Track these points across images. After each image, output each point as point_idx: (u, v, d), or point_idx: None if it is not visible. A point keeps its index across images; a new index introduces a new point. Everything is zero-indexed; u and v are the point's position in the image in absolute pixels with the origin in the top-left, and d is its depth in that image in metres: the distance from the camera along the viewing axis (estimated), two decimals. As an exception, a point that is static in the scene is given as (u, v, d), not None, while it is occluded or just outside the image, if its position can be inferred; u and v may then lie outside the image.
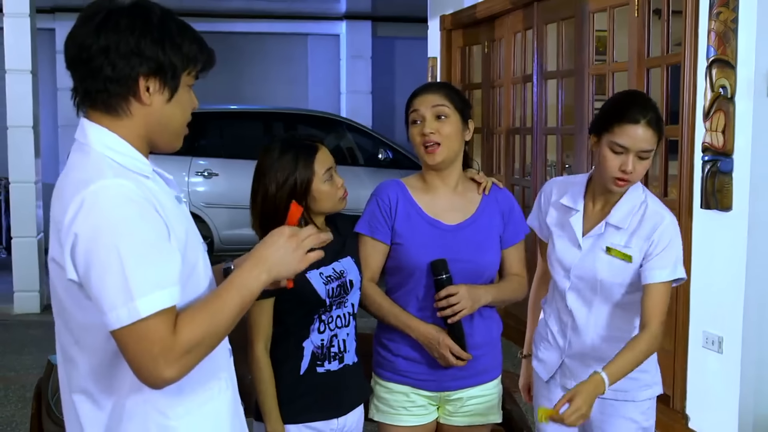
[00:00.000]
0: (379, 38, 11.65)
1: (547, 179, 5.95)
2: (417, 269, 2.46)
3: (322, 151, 2.41)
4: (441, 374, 2.49)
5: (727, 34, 3.81)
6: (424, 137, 2.45)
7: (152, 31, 1.60)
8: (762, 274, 3.84)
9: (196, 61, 1.68)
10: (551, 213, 2.64)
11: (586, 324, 2.54)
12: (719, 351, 3.95)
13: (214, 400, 1.72)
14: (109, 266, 1.49)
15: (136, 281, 1.49)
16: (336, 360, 2.42)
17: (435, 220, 2.50)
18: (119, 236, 1.50)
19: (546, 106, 5.93)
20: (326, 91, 11.75)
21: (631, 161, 2.38)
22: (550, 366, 2.64)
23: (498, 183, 2.63)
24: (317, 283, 2.37)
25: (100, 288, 1.50)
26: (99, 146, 1.62)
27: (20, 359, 5.80)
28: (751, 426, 3.89)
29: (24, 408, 4.71)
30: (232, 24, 11.09)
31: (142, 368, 1.51)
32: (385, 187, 2.55)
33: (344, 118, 9.63)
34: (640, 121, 2.37)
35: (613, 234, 2.49)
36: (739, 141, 3.81)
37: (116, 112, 1.63)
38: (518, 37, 6.25)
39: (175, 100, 1.66)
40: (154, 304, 1.50)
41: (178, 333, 1.52)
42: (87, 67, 1.60)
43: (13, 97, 7.01)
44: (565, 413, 2.18)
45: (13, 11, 6.95)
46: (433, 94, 2.49)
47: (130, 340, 1.50)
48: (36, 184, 7.19)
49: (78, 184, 1.55)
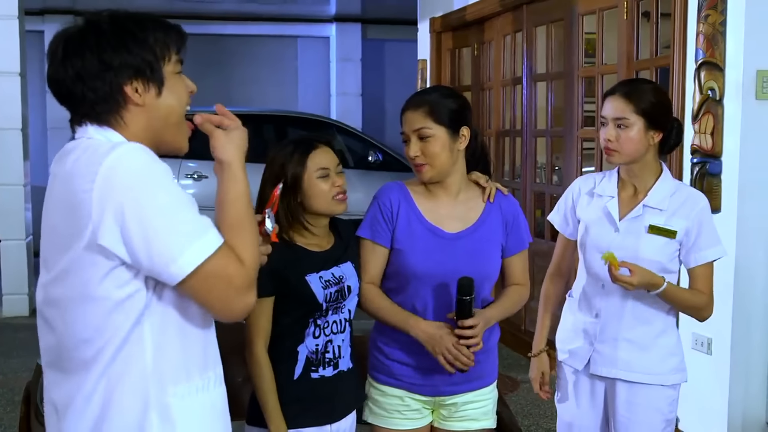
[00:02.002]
0: (369, 40, 11.65)
1: (536, 181, 5.98)
2: (414, 277, 2.44)
3: (322, 149, 2.40)
4: (436, 379, 2.47)
5: (715, 37, 3.83)
6: (411, 159, 2.44)
7: (109, 40, 1.62)
8: (751, 276, 3.86)
9: (168, 46, 1.68)
10: (582, 204, 2.74)
11: (621, 307, 2.62)
12: (708, 352, 3.96)
13: (209, 391, 1.74)
14: (166, 218, 1.55)
15: (194, 223, 1.58)
16: (330, 366, 2.40)
17: (435, 227, 2.46)
18: (151, 195, 1.55)
19: (535, 109, 5.94)
20: (316, 93, 11.74)
21: (609, 130, 2.58)
22: (582, 356, 2.71)
23: (503, 189, 2.58)
24: (316, 286, 2.34)
25: (163, 242, 1.54)
26: (99, 137, 1.65)
27: (8, 362, 5.77)
28: (740, 427, 3.91)
29: (12, 411, 4.68)
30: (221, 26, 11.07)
31: (232, 303, 1.60)
32: (387, 191, 2.52)
33: (334, 121, 9.62)
34: (614, 93, 2.61)
35: (653, 215, 2.59)
36: (728, 143, 3.82)
37: (111, 125, 1.66)
38: (508, 39, 6.27)
39: (165, 91, 1.67)
40: (216, 239, 1.58)
41: (243, 261, 1.61)
42: (72, 99, 1.65)
43: (1, 99, 6.97)
44: (618, 273, 2.43)
45: (2, 13, 6.92)
46: (414, 113, 2.43)
47: (207, 283, 1.57)
48: (25, 186, 7.16)
49: (91, 164, 1.56)
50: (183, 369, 1.67)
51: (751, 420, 3.92)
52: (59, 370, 1.68)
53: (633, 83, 2.72)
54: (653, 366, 2.61)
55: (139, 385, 1.63)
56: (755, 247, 3.85)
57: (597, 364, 2.67)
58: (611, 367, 2.64)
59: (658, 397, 2.62)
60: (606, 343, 2.65)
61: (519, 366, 5.41)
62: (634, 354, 2.61)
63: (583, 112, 5.36)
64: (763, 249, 3.88)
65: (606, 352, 2.65)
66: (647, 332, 2.61)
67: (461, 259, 2.43)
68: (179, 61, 1.70)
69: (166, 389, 1.65)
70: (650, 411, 2.62)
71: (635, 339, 2.61)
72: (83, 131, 1.67)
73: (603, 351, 2.65)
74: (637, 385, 2.62)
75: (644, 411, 2.62)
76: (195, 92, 1.74)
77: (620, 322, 2.62)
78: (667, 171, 2.67)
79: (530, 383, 2.98)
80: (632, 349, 2.61)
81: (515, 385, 5.06)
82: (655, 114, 2.56)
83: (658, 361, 2.62)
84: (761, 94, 3.76)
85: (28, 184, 7.29)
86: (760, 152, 3.81)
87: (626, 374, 2.62)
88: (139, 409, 1.63)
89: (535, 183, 6.00)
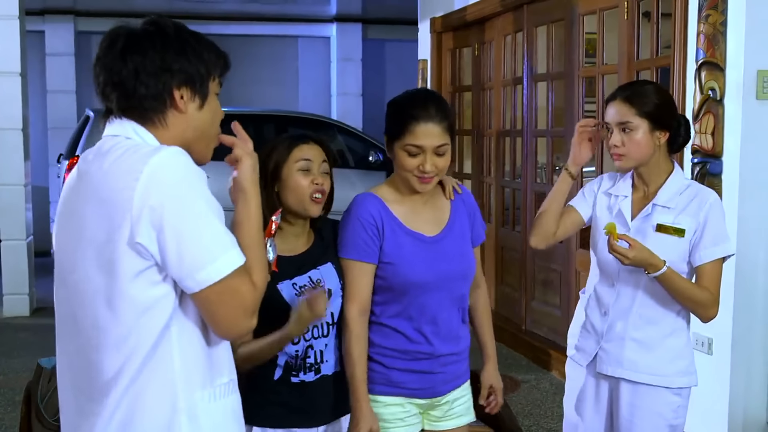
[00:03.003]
0: (370, 41, 11.65)
1: (537, 181, 5.98)
2: (410, 286, 2.41)
3: (310, 145, 2.34)
4: (433, 380, 2.48)
5: (716, 37, 3.83)
6: (422, 172, 2.34)
7: (173, 44, 1.69)
8: (751, 276, 3.86)
9: (216, 66, 1.75)
10: (601, 203, 2.74)
11: (629, 305, 2.61)
12: (709, 352, 3.96)
13: (229, 396, 1.77)
14: (199, 226, 1.60)
15: (222, 237, 1.62)
16: (312, 371, 2.33)
17: (416, 233, 2.44)
18: (192, 200, 1.60)
19: (536, 109, 5.95)
20: (317, 93, 11.74)
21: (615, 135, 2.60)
22: (588, 353, 2.71)
23: (457, 184, 2.56)
24: (288, 293, 2.28)
25: (188, 249, 1.58)
26: (135, 137, 1.68)
27: (9, 363, 5.77)
28: (740, 427, 3.91)
29: (13, 411, 4.68)
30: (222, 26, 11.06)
31: (237, 322, 1.64)
32: (365, 205, 2.40)
33: (335, 121, 9.63)
34: (615, 98, 2.61)
35: (662, 213, 2.58)
36: (729, 143, 3.82)
37: (153, 123, 1.70)
38: (508, 39, 6.27)
39: (206, 106, 1.75)
40: (238, 259, 1.63)
41: (254, 283, 1.66)
42: (120, 90, 1.69)
43: (2, 99, 6.97)
44: (617, 245, 2.43)
45: (2, 13, 6.93)
46: (436, 127, 2.32)
47: (222, 297, 1.61)
48: (25, 186, 7.16)
49: (135, 162, 1.60)
50: (208, 373, 1.71)
51: (752, 420, 3.92)
52: (80, 392, 1.68)
53: (633, 86, 2.70)
54: (659, 367, 2.58)
55: (168, 390, 1.65)
56: (756, 247, 3.85)
57: (603, 362, 2.66)
58: (617, 366, 2.62)
59: (661, 401, 2.59)
60: (613, 342, 2.63)
61: (519, 366, 5.42)
62: (641, 354, 2.59)
63: (584, 112, 5.35)
64: (764, 249, 3.88)
65: (612, 350, 2.63)
66: (655, 332, 2.59)
67: (447, 260, 2.44)
68: (220, 84, 1.78)
69: (194, 393, 1.68)
70: (652, 415, 2.59)
71: (642, 339, 2.59)
72: (120, 127, 1.70)
73: (609, 349, 2.64)
74: (641, 387, 2.59)
75: (646, 414, 2.59)
76: (223, 118, 1.81)
77: (628, 321, 2.61)
78: (678, 169, 2.64)
79: (530, 383, 2.99)
80: (639, 349, 2.59)
81: (516, 385, 5.06)
82: (658, 114, 2.55)
83: (664, 362, 2.59)
84: (762, 94, 3.76)
85: (29, 184, 7.30)
86: (760, 152, 3.81)
87: (631, 374, 2.60)
88: (168, 414, 1.65)
89: (536, 183, 6.00)
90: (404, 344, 2.44)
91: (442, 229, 2.48)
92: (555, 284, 5.69)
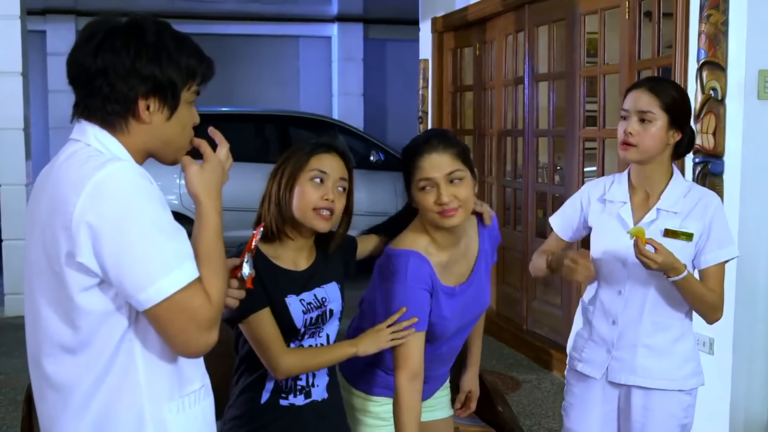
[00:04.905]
0: (371, 40, 11.66)
1: (538, 181, 5.98)
2: (436, 339, 2.40)
3: (331, 155, 2.23)
4: (431, 383, 2.51)
5: (717, 37, 3.83)
6: (442, 206, 2.24)
7: (148, 49, 1.61)
8: (752, 277, 3.86)
9: (195, 74, 1.68)
10: (595, 212, 2.69)
11: (639, 313, 2.58)
12: (710, 352, 3.96)
13: (200, 402, 1.74)
14: (143, 243, 1.53)
15: (170, 254, 1.54)
16: (302, 394, 2.23)
17: (449, 288, 2.37)
18: (146, 214, 1.54)
19: (537, 108, 5.94)
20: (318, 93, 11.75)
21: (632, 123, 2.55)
22: (599, 364, 2.66)
23: (489, 215, 2.49)
24: (295, 309, 2.19)
25: (136, 266, 1.52)
26: (95, 143, 1.63)
27: (11, 362, 5.78)
28: (742, 427, 3.91)
29: (15, 411, 4.69)
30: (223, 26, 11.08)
31: (191, 338, 1.56)
32: (421, 271, 2.29)
33: (336, 120, 9.63)
34: (641, 86, 2.57)
35: (668, 218, 2.55)
36: (730, 143, 3.82)
37: (114, 128, 1.64)
38: (509, 39, 6.27)
39: (175, 118, 1.66)
40: (189, 274, 1.55)
41: (210, 297, 1.58)
42: (87, 87, 1.63)
43: (3, 98, 6.98)
44: (645, 249, 2.36)
45: (4, 13, 6.93)
46: (441, 156, 2.25)
47: (175, 312, 1.54)
48: (27, 186, 7.16)
49: (81, 176, 1.55)
50: (177, 383, 1.67)
51: (753, 420, 3.92)
52: (66, 352, 1.64)
53: (659, 80, 2.67)
54: (672, 372, 2.58)
55: (135, 402, 1.62)
56: (757, 247, 3.85)
57: (615, 371, 2.63)
58: (630, 374, 2.60)
59: (674, 403, 2.59)
60: (624, 350, 2.60)
61: (520, 366, 5.40)
62: (653, 360, 2.57)
63: (585, 112, 5.35)
64: (765, 249, 3.88)
65: (625, 359, 2.60)
66: (666, 338, 2.57)
67: (471, 308, 2.46)
68: (197, 92, 1.71)
69: (162, 405, 1.65)
70: (665, 416, 2.59)
71: (654, 345, 2.57)
72: (82, 130, 1.65)
73: (621, 358, 2.61)
74: (654, 392, 2.58)
75: (660, 416, 2.58)
76: (197, 124, 1.73)
77: (638, 328, 2.58)
78: (678, 173, 2.62)
79: (531, 383, 2.98)
80: (651, 356, 2.57)
81: (517, 385, 5.05)
82: (678, 112, 2.53)
83: (676, 366, 2.58)
84: (763, 93, 3.76)
85: (30, 184, 7.29)
86: (762, 152, 3.81)
87: (644, 381, 2.58)
88: (135, 427, 1.62)
89: (537, 183, 6.00)
90: None
91: (469, 274, 2.44)
92: (556, 284, 5.68)
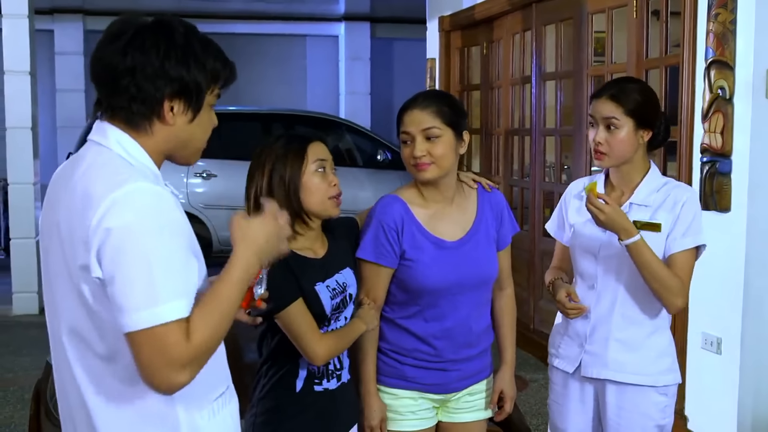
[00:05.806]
0: (378, 39, 11.66)
1: (545, 180, 5.97)
2: (425, 291, 2.42)
3: (316, 144, 2.29)
4: (446, 377, 2.49)
5: (725, 36, 3.82)
6: (415, 159, 2.37)
7: (177, 50, 1.61)
8: (760, 275, 3.84)
9: (219, 77, 1.68)
10: (573, 208, 2.72)
11: (611, 307, 2.60)
12: (718, 352, 3.95)
13: (227, 406, 1.75)
14: (137, 268, 1.50)
15: (161, 287, 1.50)
16: (334, 378, 2.32)
17: (438, 238, 2.44)
18: (151, 241, 1.51)
19: (545, 107, 5.93)
20: (325, 92, 11.76)
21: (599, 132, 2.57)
22: (573, 359, 2.68)
23: (492, 183, 2.58)
24: (325, 296, 2.26)
25: (124, 288, 1.50)
26: (117, 148, 1.62)
27: (19, 360, 5.79)
28: (749, 427, 3.89)
29: (23, 409, 4.70)
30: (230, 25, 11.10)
31: (156, 373, 1.50)
32: (388, 210, 2.41)
33: (343, 120, 9.63)
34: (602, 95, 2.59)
35: (638, 211, 2.57)
36: (738, 142, 3.81)
37: (137, 128, 1.64)
38: (517, 38, 6.26)
39: (197, 120, 1.67)
40: (175, 312, 1.51)
41: (190, 338, 1.52)
42: (113, 86, 1.61)
43: (11, 98, 7.01)
44: (596, 201, 2.43)
45: (12, 12, 6.96)
46: (421, 112, 2.37)
47: (147, 344, 1.50)
48: (35, 185, 7.18)
49: (108, 184, 1.54)
50: (205, 392, 1.67)
51: (761, 419, 3.91)
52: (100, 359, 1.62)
53: (619, 84, 2.65)
54: (645, 366, 2.58)
55: (170, 416, 1.62)
56: (765, 245, 3.83)
57: (588, 366, 2.64)
58: (602, 368, 2.61)
59: (648, 402, 2.59)
60: (596, 344, 2.62)
61: (528, 365, 5.41)
62: (625, 354, 2.59)
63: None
64: (773, 248, 3.86)
65: (597, 353, 2.62)
66: (638, 333, 2.58)
67: (467, 265, 2.45)
68: (218, 95, 1.71)
69: (194, 414, 1.65)
70: (639, 416, 2.58)
71: (626, 339, 2.58)
72: (103, 132, 1.64)
73: (594, 352, 2.62)
74: (627, 388, 2.58)
75: (633, 416, 2.58)
76: (216, 126, 1.74)
77: (610, 322, 2.60)
78: (654, 168, 2.63)
79: (539, 382, 2.98)
80: (623, 350, 2.58)
81: (524, 384, 5.05)
82: (643, 113, 2.54)
83: (650, 361, 2.59)
84: (771, 92, 3.75)
85: (38, 182, 7.32)
86: (770, 151, 3.79)
87: (616, 375, 2.59)
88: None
89: (544, 182, 5.99)
90: (415, 345, 2.46)
91: (465, 233, 2.48)
92: (563, 283, 5.67)
